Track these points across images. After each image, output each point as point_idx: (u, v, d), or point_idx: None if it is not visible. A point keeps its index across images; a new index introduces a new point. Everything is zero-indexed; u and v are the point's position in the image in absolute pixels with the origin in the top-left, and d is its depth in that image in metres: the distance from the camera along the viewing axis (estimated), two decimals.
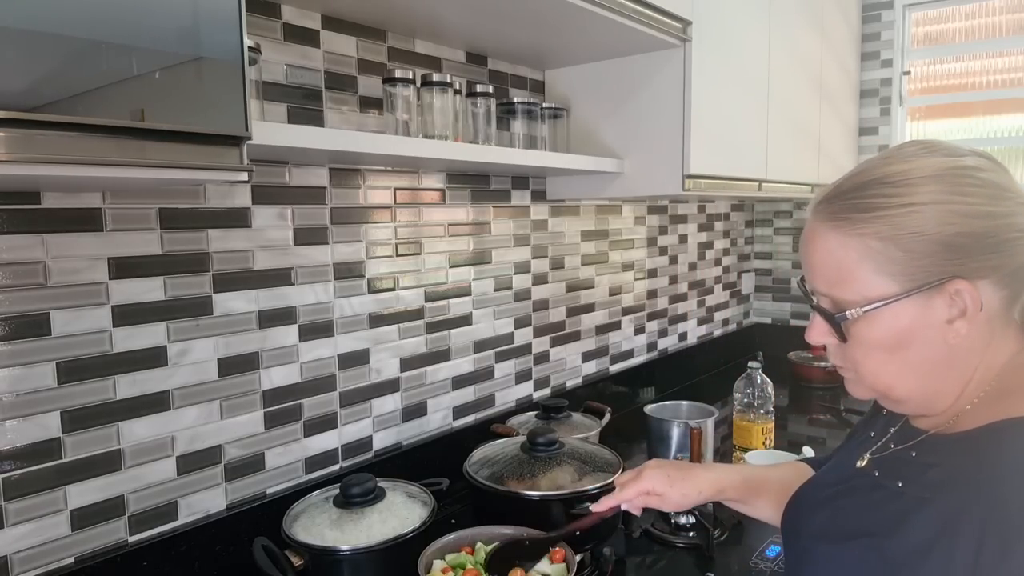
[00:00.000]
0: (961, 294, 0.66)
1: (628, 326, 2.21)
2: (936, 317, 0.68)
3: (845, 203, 0.71)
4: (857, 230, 0.69)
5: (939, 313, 0.68)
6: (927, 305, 0.68)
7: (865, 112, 2.67)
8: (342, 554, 1.04)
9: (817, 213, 0.74)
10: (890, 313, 0.68)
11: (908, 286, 0.67)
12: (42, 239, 0.97)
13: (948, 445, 0.70)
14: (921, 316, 0.68)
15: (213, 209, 1.15)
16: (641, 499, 0.98)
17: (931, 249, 0.66)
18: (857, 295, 0.70)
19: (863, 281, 0.69)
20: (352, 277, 1.37)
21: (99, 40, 0.65)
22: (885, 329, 0.69)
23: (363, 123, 1.37)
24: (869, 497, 0.74)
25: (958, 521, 0.62)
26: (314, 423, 1.33)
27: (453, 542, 1.12)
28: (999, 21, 2.47)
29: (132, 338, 1.07)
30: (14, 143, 0.61)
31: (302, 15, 1.25)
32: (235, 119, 0.76)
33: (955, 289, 0.66)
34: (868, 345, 0.71)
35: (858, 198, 0.70)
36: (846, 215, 0.70)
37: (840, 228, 0.70)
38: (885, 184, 0.69)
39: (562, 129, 1.65)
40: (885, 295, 0.68)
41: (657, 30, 1.47)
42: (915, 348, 0.69)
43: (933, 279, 0.67)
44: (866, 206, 0.69)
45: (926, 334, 0.69)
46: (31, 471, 0.98)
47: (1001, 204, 0.67)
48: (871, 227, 0.68)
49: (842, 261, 0.70)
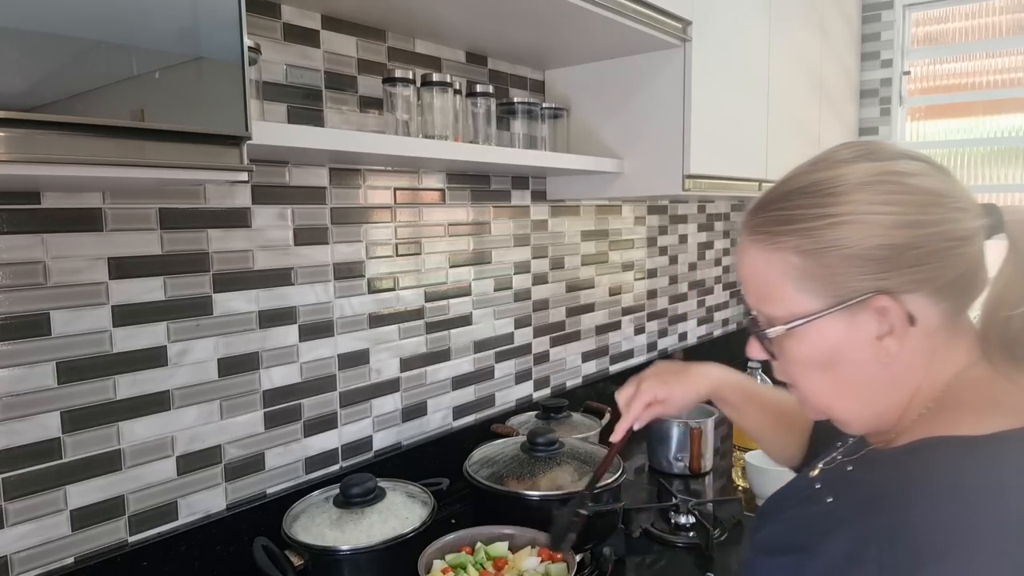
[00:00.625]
0: (886, 311, 0.62)
1: (628, 326, 2.21)
2: (864, 334, 0.64)
3: (767, 215, 0.68)
4: (776, 244, 0.66)
5: (866, 330, 0.64)
6: (852, 322, 0.64)
7: (865, 112, 2.67)
8: (342, 554, 1.04)
9: (744, 226, 0.71)
10: (815, 330, 0.65)
11: (831, 302, 0.64)
12: (42, 239, 0.97)
13: (878, 462, 0.68)
14: (848, 333, 0.65)
15: (213, 209, 1.15)
16: (647, 412, 0.99)
17: (852, 263, 0.62)
18: (783, 311, 0.67)
19: (787, 298, 0.66)
20: (352, 277, 1.37)
21: (99, 40, 0.65)
22: (812, 347, 0.66)
23: (363, 123, 1.37)
24: (806, 511, 0.71)
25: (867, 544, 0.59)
26: (314, 423, 1.33)
27: (453, 542, 1.12)
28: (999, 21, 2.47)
29: (132, 338, 1.07)
30: (14, 143, 0.61)
31: (302, 15, 1.25)
32: (235, 119, 0.76)
33: (879, 306, 0.62)
34: (800, 363, 0.69)
35: (779, 210, 0.67)
36: (766, 229, 0.67)
37: (761, 243, 0.67)
38: (807, 194, 0.66)
39: (562, 129, 1.65)
40: (808, 312, 0.65)
41: (657, 30, 1.47)
42: (847, 366, 0.66)
43: (856, 295, 0.63)
44: (787, 218, 0.66)
45: (856, 352, 0.65)
46: (31, 471, 0.98)
47: (931, 212, 0.62)
48: (790, 241, 0.65)
49: (765, 277, 0.68)
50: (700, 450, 1.64)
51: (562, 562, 1.07)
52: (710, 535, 1.31)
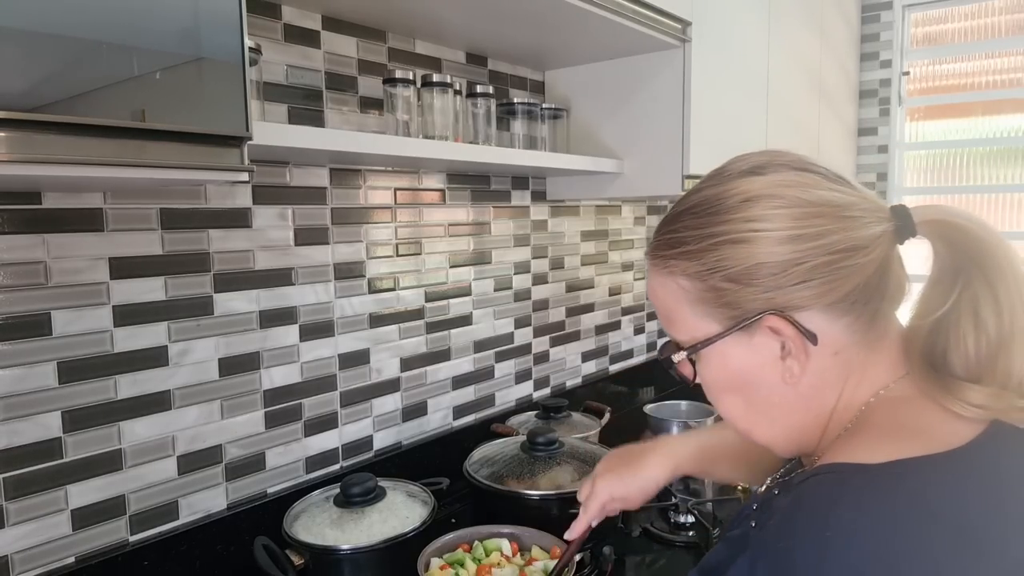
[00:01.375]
0: (779, 330, 0.60)
1: (628, 326, 2.21)
2: (765, 356, 0.62)
3: (661, 238, 0.66)
4: (668, 268, 0.64)
5: (766, 351, 0.61)
6: (750, 344, 0.62)
7: (864, 112, 2.67)
8: (342, 553, 1.04)
9: (649, 250, 0.69)
10: (717, 353, 0.64)
11: (727, 324, 0.62)
12: (43, 239, 0.97)
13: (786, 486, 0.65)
14: (749, 355, 0.62)
15: (214, 209, 1.16)
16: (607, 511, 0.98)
17: (738, 284, 0.60)
18: (686, 335, 0.65)
19: (684, 321, 0.65)
20: (352, 277, 1.37)
21: (100, 40, 0.65)
22: (718, 369, 0.65)
23: (363, 123, 1.37)
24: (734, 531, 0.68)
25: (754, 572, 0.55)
26: (314, 423, 1.33)
27: (453, 541, 1.12)
28: (998, 21, 2.48)
29: (133, 338, 1.07)
30: (15, 143, 0.61)
31: (302, 16, 1.26)
32: (236, 119, 0.76)
33: (770, 325, 0.60)
34: (712, 387, 0.67)
35: (670, 232, 0.65)
36: (660, 252, 0.65)
37: (656, 267, 0.66)
38: (693, 214, 0.63)
39: (562, 129, 1.65)
40: (707, 335, 0.63)
41: (657, 31, 1.47)
42: (755, 389, 0.64)
43: (748, 315, 0.60)
44: (675, 241, 0.64)
45: (761, 374, 0.63)
46: (32, 471, 0.98)
47: (812, 224, 0.59)
48: (679, 264, 0.63)
49: (664, 302, 0.66)
50: None
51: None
52: (710, 534, 1.31)
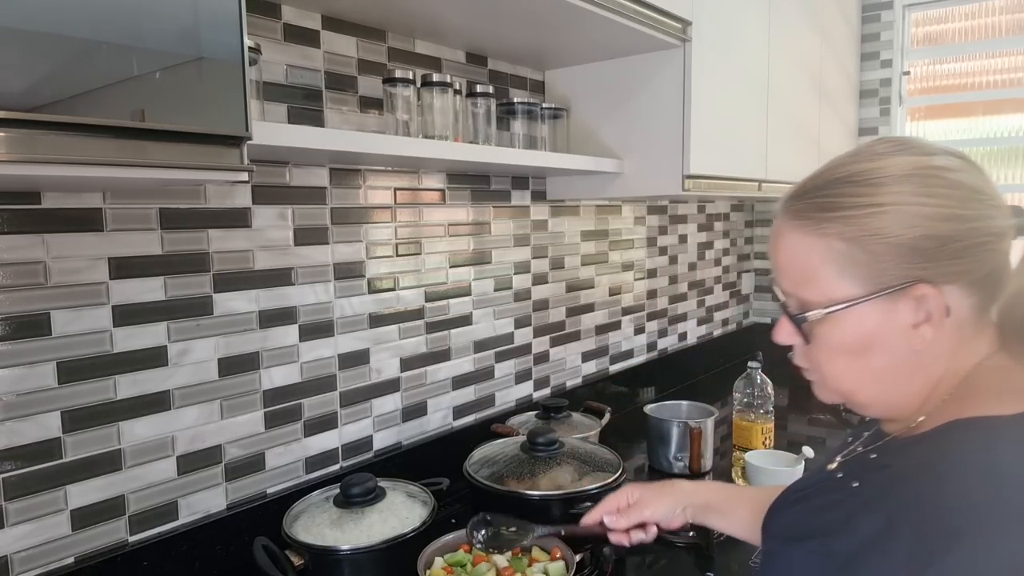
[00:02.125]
0: (926, 299, 0.64)
1: (628, 326, 2.21)
2: (900, 322, 0.66)
3: (811, 201, 0.69)
4: (821, 230, 0.67)
5: (903, 318, 0.66)
6: (891, 309, 0.66)
7: (865, 112, 2.67)
8: (342, 554, 1.04)
9: (784, 211, 0.72)
10: (853, 316, 0.67)
11: (872, 289, 0.66)
12: (42, 239, 0.97)
13: (902, 446, 0.70)
14: (885, 320, 0.66)
15: (213, 209, 1.16)
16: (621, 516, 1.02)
17: (895, 252, 0.64)
18: (821, 296, 0.68)
19: (827, 282, 0.68)
20: (352, 277, 1.37)
21: (100, 40, 0.65)
22: (848, 332, 0.68)
23: (363, 123, 1.37)
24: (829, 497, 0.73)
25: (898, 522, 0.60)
26: (314, 423, 1.33)
27: (453, 541, 1.12)
28: (999, 21, 2.48)
29: (132, 338, 1.07)
30: (14, 143, 0.61)
31: (302, 15, 1.26)
32: (235, 119, 0.76)
33: (920, 294, 0.64)
34: (831, 348, 0.70)
35: (823, 196, 0.68)
36: (811, 214, 0.68)
37: (804, 227, 0.69)
38: (851, 183, 0.67)
39: (562, 129, 1.65)
40: (848, 297, 0.67)
41: (657, 30, 1.47)
42: (879, 353, 0.68)
43: (897, 283, 0.65)
44: (831, 205, 0.67)
45: (890, 339, 0.67)
46: (31, 471, 0.98)
47: (970, 207, 0.65)
48: (835, 227, 0.66)
49: (806, 261, 0.69)
50: (700, 450, 1.64)
51: (561, 560, 1.07)
52: (710, 535, 1.31)
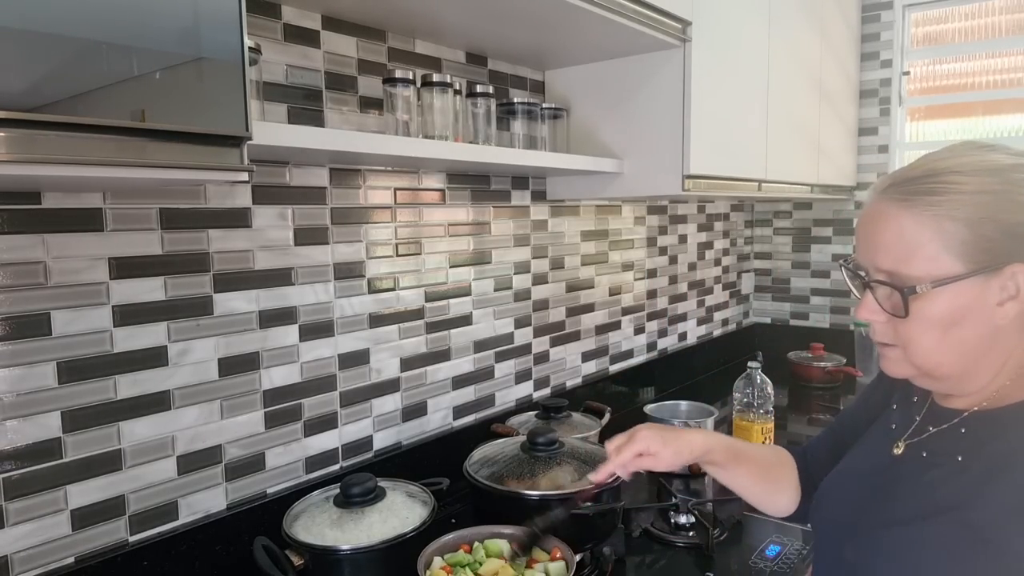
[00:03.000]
0: (1016, 277, 0.71)
1: (628, 326, 2.21)
2: (990, 298, 0.72)
3: (919, 186, 0.74)
4: (932, 211, 0.72)
5: (993, 295, 0.72)
6: (985, 286, 0.72)
7: (865, 112, 2.67)
8: (342, 554, 1.04)
9: (887, 195, 0.77)
10: (952, 291, 0.72)
11: (972, 267, 0.72)
12: (43, 239, 0.97)
13: (1001, 419, 0.76)
14: (978, 296, 0.72)
15: (213, 209, 1.16)
16: (635, 462, 0.97)
17: (997, 234, 0.71)
18: (923, 272, 0.73)
19: (932, 259, 0.73)
20: (352, 277, 1.37)
21: (100, 40, 0.65)
22: (945, 307, 0.73)
23: (363, 123, 1.37)
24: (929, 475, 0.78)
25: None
26: (314, 423, 1.33)
27: (453, 541, 1.12)
28: (999, 21, 2.47)
29: (133, 338, 1.07)
30: (15, 143, 0.61)
31: (302, 15, 1.26)
32: (235, 119, 0.76)
33: (1011, 272, 0.71)
34: (926, 322, 0.74)
35: (932, 183, 0.74)
36: (920, 196, 0.74)
37: (914, 208, 0.74)
38: (956, 172, 0.73)
39: (562, 129, 1.65)
40: (951, 274, 0.72)
41: (657, 30, 1.47)
42: (966, 327, 0.74)
43: (995, 262, 0.71)
44: (941, 190, 0.73)
45: (979, 314, 0.73)
46: (32, 471, 0.98)
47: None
48: (944, 209, 0.72)
49: (914, 238, 0.73)
50: None
51: (561, 560, 1.07)
52: (710, 535, 1.31)
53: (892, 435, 0.87)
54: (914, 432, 0.84)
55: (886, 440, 0.87)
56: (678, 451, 0.97)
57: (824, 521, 0.92)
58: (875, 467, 0.86)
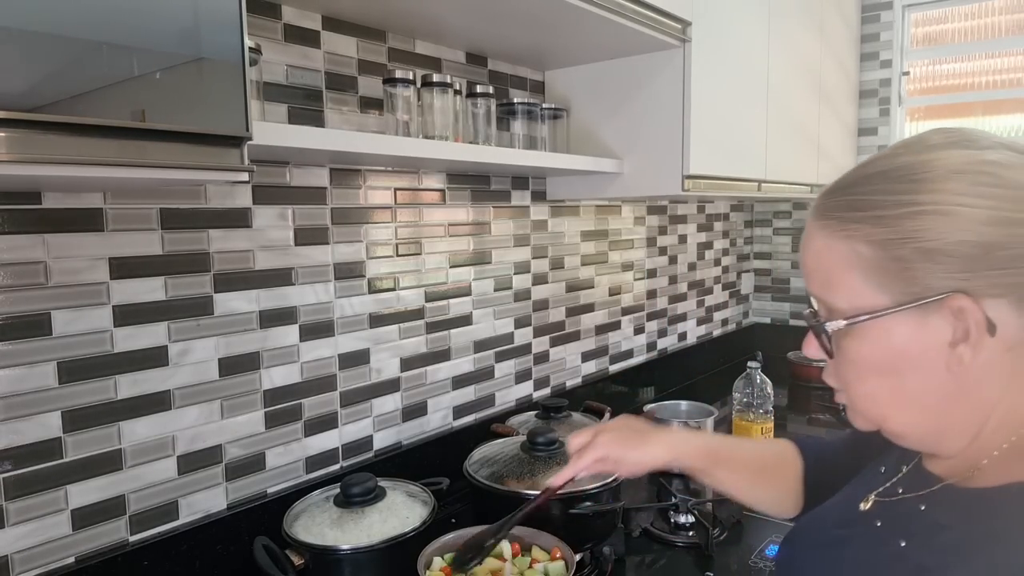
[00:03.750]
0: (964, 313, 0.56)
1: (628, 326, 2.21)
2: (935, 339, 0.58)
3: (840, 199, 0.62)
4: (846, 231, 0.60)
5: (938, 334, 0.58)
6: (923, 323, 0.58)
7: (864, 112, 2.67)
8: (343, 553, 1.04)
9: (813, 208, 0.65)
10: (880, 328, 0.59)
11: (900, 299, 0.58)
12: (43, 239, 0.97)
13: (963, 503, 0.60)
14: (917, 336, 0.58)
15: (214, 209, 1.16)
16: (596, 467, 0.92)
17: (931, 258, 0.56)
18: (845, 303, 0.61)
19: (851, 289, 0.60)
20: (352, 277, 1.38)
21: (100, 41, 0.65)
22: (875, 346, 0.60)
23: (363, 123, 1.37)
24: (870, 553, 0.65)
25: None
26: (314, 423, 1.33)
27: (453, 541, 1.12)
28: (998, 21, 2.48)
29: (133, 338, 1.07)
30: (15, 143, 0.61)
31: (302, 16, 1.26)
32: (236, 119, 0.76)
33: (956, 306, 0.56)
34: (858, 364, 0.63)
35: (854, 194, 0.61)
36: (837, 213, 0.62)
37: (829, 228, 0.62)
38: (888, 179, 0.59)
39: (562, 129, 1.65)
40: (874, 307, 0.59)
41: (656, 31, 1.47)
42: (911, 374, 0.60)
43: (931, 293, 0.56)
44: (861, 204, 0.60)
45: (924, 358, 0.59)
46: (32, 471, 0.98)
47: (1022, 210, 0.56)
48: (861, 229, 0.59)
49: (830, 265, 0.62)
50: None
51: (561, 560, 1.07)
52: (710, 535, 1.31)
53: (873, 483, 0.73)
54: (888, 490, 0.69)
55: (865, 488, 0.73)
56: (640, 459, 0.91)
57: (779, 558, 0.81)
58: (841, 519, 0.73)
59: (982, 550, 0.55)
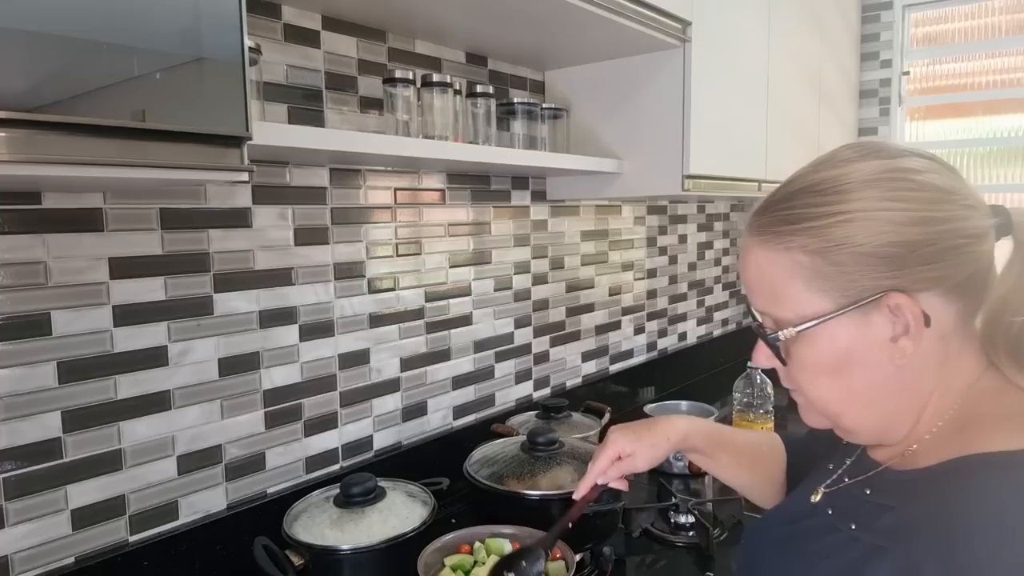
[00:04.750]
0: (901, 309, 0.61)
1: (628, 326, 2.21)
2: (877, 336, 0.62)
3: (773, 215, 0.66)
4: (784, 244, 0.64)
5: (880, 331, 0.62)
6: (865, 322, 0.62)
7: (864, 112, 2.67)
8: (342, 553, 1.04)
9: (749, 227, 0.69)
10: (826, 332, 0.63)
11: (842, 302, 0.62)
12: (43, 239, 0.97)
13: (904, 484, 0.65)
14: (860, 335, 0.63)
15: (214, 209, 1.16)
16: (615, 468, 0.94)
17: (863, 261, 0.61)
18: (792, 313, 0.65)
19: (795, 298, 0.64)
20: (352, 277, 1.37)
21: (100, 41, 0.65)
22: (824, 350, 0.64)
23: (363, 123, 1.37)
24: (822, 541, 0.69)
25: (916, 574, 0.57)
26: (314, 423, 1.33)
27: (453, 541, 1.12)
28: (998, 21, 2.48)
29: (133, 338, 1.07)
30: (15, 143, 0.61)
31: (302, 16, 1.26)
32: (236, 119, 0.76)
33: (894, 304, 0.61)
34: (809, 368, 0.66)
35: (785, 209, 0.65)
36: (773, 228, 0.65)
37: (768, 243, 0.66)
38: (812, 193, 0.64)
39: (562, 129, 1.65)
40: (818, 313, 0.63)
41: (657, 31, 1.47)
42: (859, 370, 0.64)
43: (868, 294, 0.61)
44: (794, 217, 0.64)
45: (869, 355, 0.63)
46: (32, 471, 0.98)
47: (942, 209, 0.61)
48: (797, 240, 0.63)
49: (773, 278, 0.66)
50: None
51: (561, 560, 1.07)
52: (710, 535, 1.31)
53: (821, 477, 0.77)
54: (835, 480, 0.74)
55: (815, 482, 0.77)
56: (654, 444, 0.94)
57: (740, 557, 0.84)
58: (794, 513, 0.76)
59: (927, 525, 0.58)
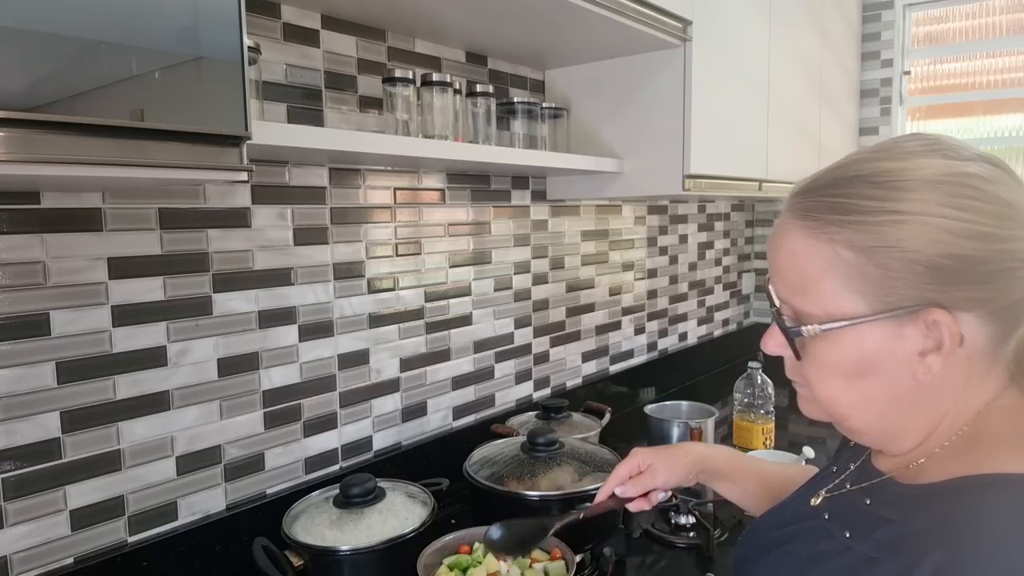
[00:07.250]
0: (938, 325, 0.56)
1: (628, 326, 2.21)
2: (906, 348, 0.58)
3: (821, 199, 0.60)
4: (828, 234, 0.59)
5: (910, 344, 0.58)
6: (897, 332, 0.58)
7: (865, 112, 2.67)
8: (342, 554, 1.04)
9: (791, 206, 0.63)
10: (853, 335, 0.59)
11: (878, 307, 0.57)
12: (42, 239, 0.97)
13: (905, 498, 0.61)
14: (889, 344, 0.58)
15: (213, 209, 1.15)
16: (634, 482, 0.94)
17: (911, 269, 0.56)
18: (819, 309, 0.60)
19: (828, 294, 0.59)
20: (352, 277, 1.37)
21: (99, 40, 0.65)
22: (846, 352, 0.60)
23: (363, 123, 1.37)
24: (816, 546, 0.67)
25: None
26: (314, 423, 1.33)
27: (453, 542, 1.12)
28: (999, 21, 2.47)
29: (132, 338, 1.07)
30: (14, 143, 0.61)
31: (302, 15, 1.25)
32: (235, 119, 0.76)
33: (932, 319, 0.56)
34: (825, 368, 0.62)
35: (835, 195, 0.60)
36: (819, 214, 0.60)
37: (810, 228, 0.60)
38: (870, 183, 0.58)
39: (562, 129, 1.65)
40: (850, 314, 0.58)
41: (657, 30, 1.47)
42: (878, 379, 0.60)
43: (908, 303, 0.56)
44: (844, 207, 0.58)
45: (892, 365, 0.59)
46: (31, 471, 0.98)
47: (1004, 226, 0.56)
48: (844, 233, 0.58)
49: (807, 268, 0.60)
50: None
51: (561, 560, 1.06)
52: (710, 535, 1.31)
53: (824, 481, 0.74)
54: (837, 485, 0.71)
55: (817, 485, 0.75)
56: (672, 457, 0.95)
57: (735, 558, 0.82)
58: (794, 514, 0.74)
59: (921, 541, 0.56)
